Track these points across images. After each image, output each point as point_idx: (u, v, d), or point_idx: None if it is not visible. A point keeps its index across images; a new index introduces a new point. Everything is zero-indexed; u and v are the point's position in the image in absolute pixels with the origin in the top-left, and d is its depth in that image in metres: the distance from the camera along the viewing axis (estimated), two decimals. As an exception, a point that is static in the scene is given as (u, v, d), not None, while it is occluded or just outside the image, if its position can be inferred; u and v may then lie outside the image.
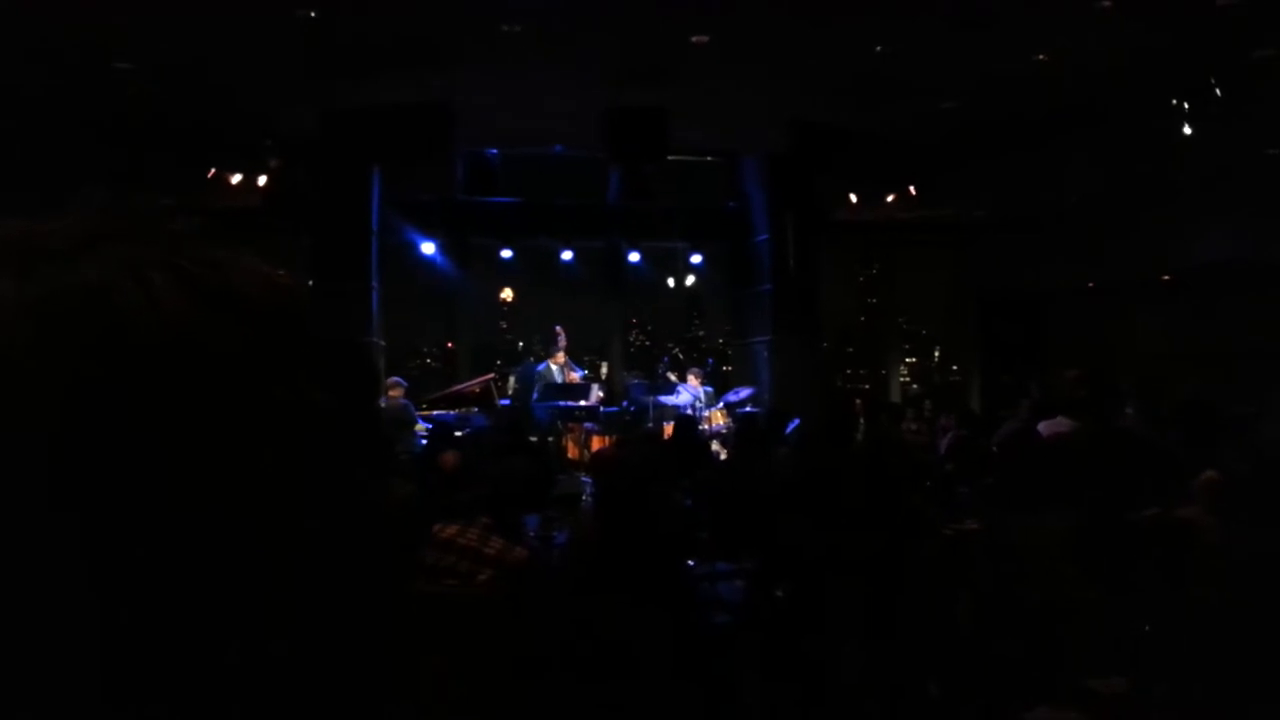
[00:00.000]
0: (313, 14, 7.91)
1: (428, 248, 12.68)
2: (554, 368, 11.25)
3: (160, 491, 0.40)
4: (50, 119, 9.36)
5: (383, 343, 11.69)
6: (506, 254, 13.40)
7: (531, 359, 11.78)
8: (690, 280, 14.74)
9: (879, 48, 8.92)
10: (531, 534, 4.72)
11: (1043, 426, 7.16)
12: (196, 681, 0.41)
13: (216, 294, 0.44)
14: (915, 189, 12.78)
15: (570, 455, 10.52)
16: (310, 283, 11.44)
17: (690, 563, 4.32)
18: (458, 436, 7.70)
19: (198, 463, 0.41)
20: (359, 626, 0.46)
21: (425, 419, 10.12)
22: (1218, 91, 9.25)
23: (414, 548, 3.59)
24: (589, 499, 6.61)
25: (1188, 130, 9.56)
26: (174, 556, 0.40)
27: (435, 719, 3.30)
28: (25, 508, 0.39)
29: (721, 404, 11.86)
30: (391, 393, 9.89)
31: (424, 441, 8.53)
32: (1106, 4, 7.87)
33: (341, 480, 0.47)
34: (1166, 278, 12.34)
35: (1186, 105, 9.57)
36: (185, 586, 0.40)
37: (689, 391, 11.78)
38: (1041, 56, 9.03)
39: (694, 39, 8.62)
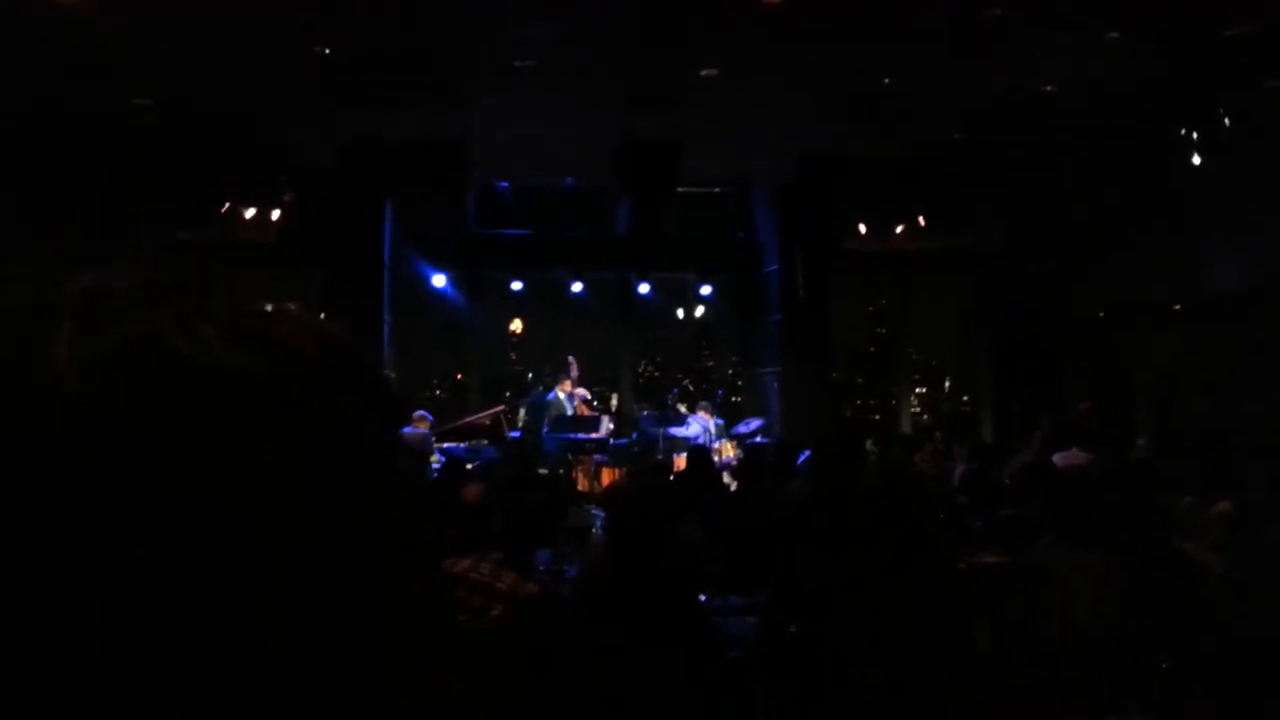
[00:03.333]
0: (327, 51, 8.01)
1: (439, 280, 12.74)
2: (562, 396, 11.25)
3: (220, 535, 0.42)
4: (70, 153, 9.45)
5: (393, 375, 11.72)
6: (517, 286, 13.46)
7: (540, 388, 11.76)
8: (700, 311, 14.76)
9: (886, 79, 8.98)
10: (543, 568, 4.70)
11: (1057, 458, 7.14)
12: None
13: (262, 343, 0.47)
14: (924, 219, 12.80)
15: (580, 487, 10.49)
16: (322, 315, 11.49)
17: (702, 597, 4.28)
18: (469, 469, 7.69)
19: (252, 505, 0.43)
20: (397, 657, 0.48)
21: (437, 450, 10.13)
22: (1226, 121, 9.26)
23: (439, 573, 3.57)
24: (599, 532, 6.59)
25: (1196, 160, 9.57)
26: (234, 604, 0.42)
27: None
28: (86, 550, 0.41)
29: (732, 435, 11.84)
30: (417, 424, 9.87)
31: (436, 474, 8.52)
32: (1114, 34, 7.91)
33: (391, 521, 0.50)
34: (1177, 307, 12.30)
35: (1195, 135, 9.59)
36: (242, 626, 0.43)
37: (699, 423, 11.75)
38: (1049, 87, 9.07)
39: (703, 72, 8.69)
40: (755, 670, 3.90)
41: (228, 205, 11.16)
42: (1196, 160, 9.60)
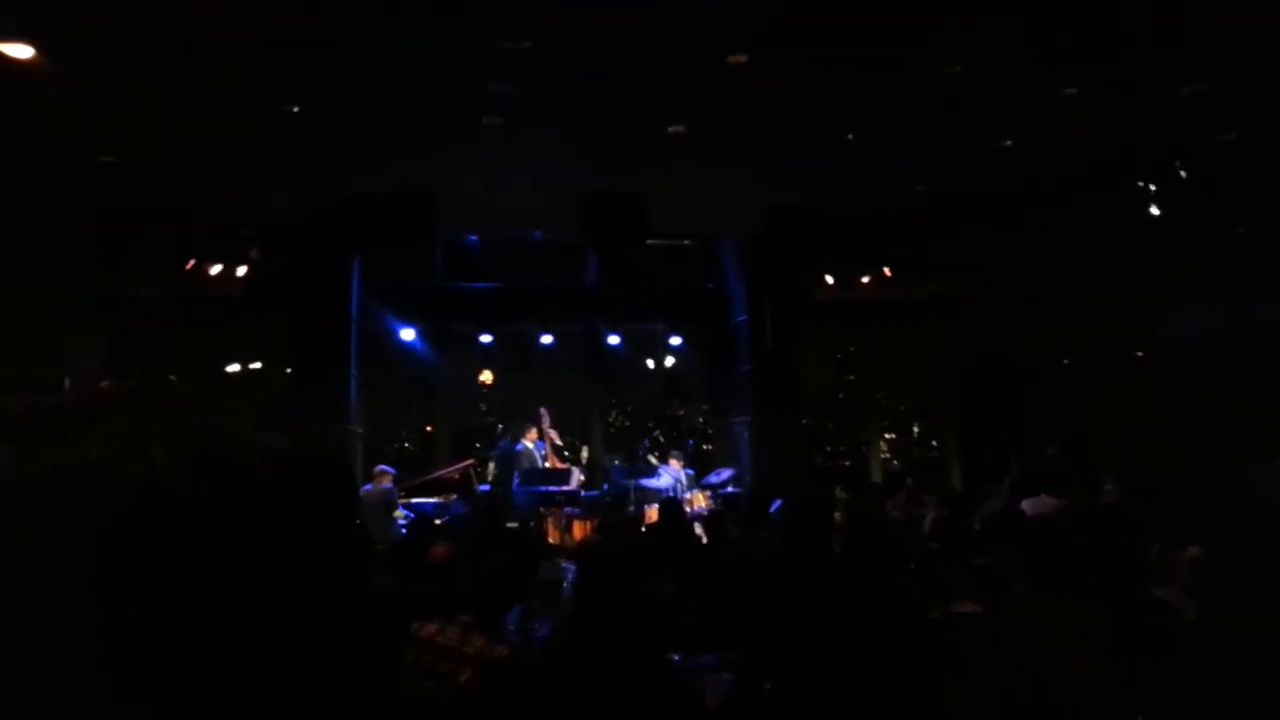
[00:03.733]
0: (295, 109, 8.02)
1: (407, 334, 12.70)
2: (531, 445, 11.18)
3: (162, 652, 0.43)
4: (33, 209, 9.38)
5: (360, 430, 11.62)
6: (486, 338, 13.44)
7: (508, 438, 11.68)
8: (670, 361, 14.80)
9: (850, 135, 9.12)
10: (512, 628, 4.63)
11: (1026, 505, 7.16)
12: None
13: (210, 465, 0.47)
14: (890, 269, 12.96)
15: (551, 540, 10.40)
16: (288, 370, 11.41)
17: (675, 657, 4.23)
18: (437, 525, 7.60)
19: (199, 622, 0.44)
20: None
21: (405, 506, 10.02)
22: (1182, 174, 9.49)
23: (393, 645, 3.52)
24: (570, 587, 6.51)
25: (1155, 210, 9.77)
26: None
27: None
28: (23, 672, 0.41)
29: (703, 486, 11.81)
30: (380, 481, 9.78)
31: (404, 531, 8.42)
32: (1072, 90, 8.10)
33: (330, 633, 0.50)
34: (1140, 354, 12.49)
35: (1153, 187, 9.80)
36: None
37: (670, 474, 11.72)
38: (1009, 142, 9.26)
39: (671, 129, 8.79)
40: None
41: (191, 263, 11.09)
42: (1155, 211, 9.80)
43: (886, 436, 16.88)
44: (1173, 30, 7.11)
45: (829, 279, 13.16)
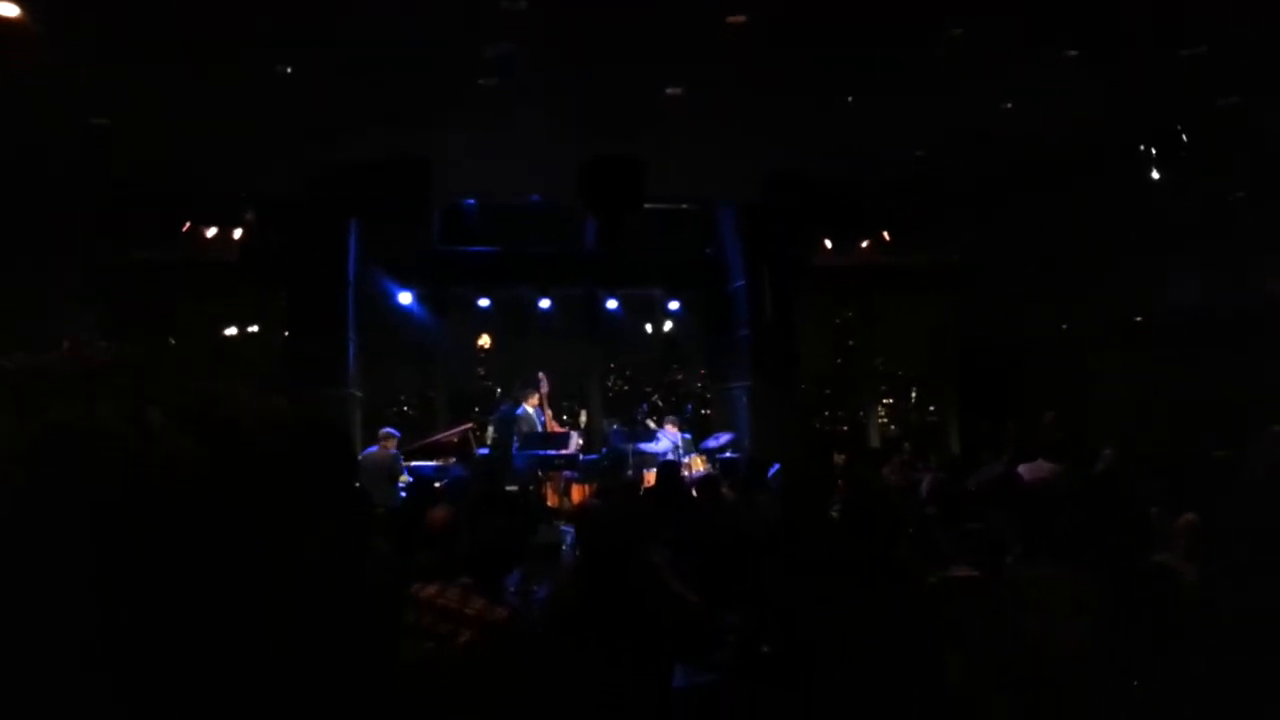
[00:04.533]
0: (289, 70, 7.94)
1: (405, 298, 12.66)
2: (531, 410, 11.19)
3: (161, 616, 0.43)
4: (28, 173, 9.31)
5: (359, 394, 11.62)
6: (484, 303, 13.41)
7: (509, 403, 11.69)
8: (668, 327, 14.78)
9: (850, 98, 9.05)
10: (512, 590, 4.65)
11: (1023, 470, 7.19)
12: None
13: (208, 429, 0.47)
14: (890, 235, 12.91)
15: (550, 504, 10.44)
16: (286, 335, 11.39)
17: (680, 605, 4.24)
18: (436, 489, 7.62)
19: (197, 586, 0.44)
20: (344, 699, 0.49)
21: (406, 469, 10.03)
22: (1184, 138, 9.42)
23: (392, 609, 3.53)
24: (569, 549, 6.55)
25: (1156, 175, 9.72)
26: (165, 685, 0.43)
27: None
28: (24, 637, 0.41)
29: (701, 450, 11.84)
30: (385, 444, 9.76)
31: (403, 495, 8.44)
32: (1073, 52, 8.02)
33: (328, 598, 0.50)
34: (1143, 320, 12.49)
35: (1154, 151, 9.74)
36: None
37: (668, 438, 11.75)
38: (1009, 105, 9.18)
39: (668, 91, 8.71)
40: (730, 691, 3.88)
41: (187, 226, 11.03)
42: (1156, 175, 9.74)
43: (885, 402, 16.91)
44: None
45: (828, 244, 13.12)
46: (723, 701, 3.83)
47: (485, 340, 14.92)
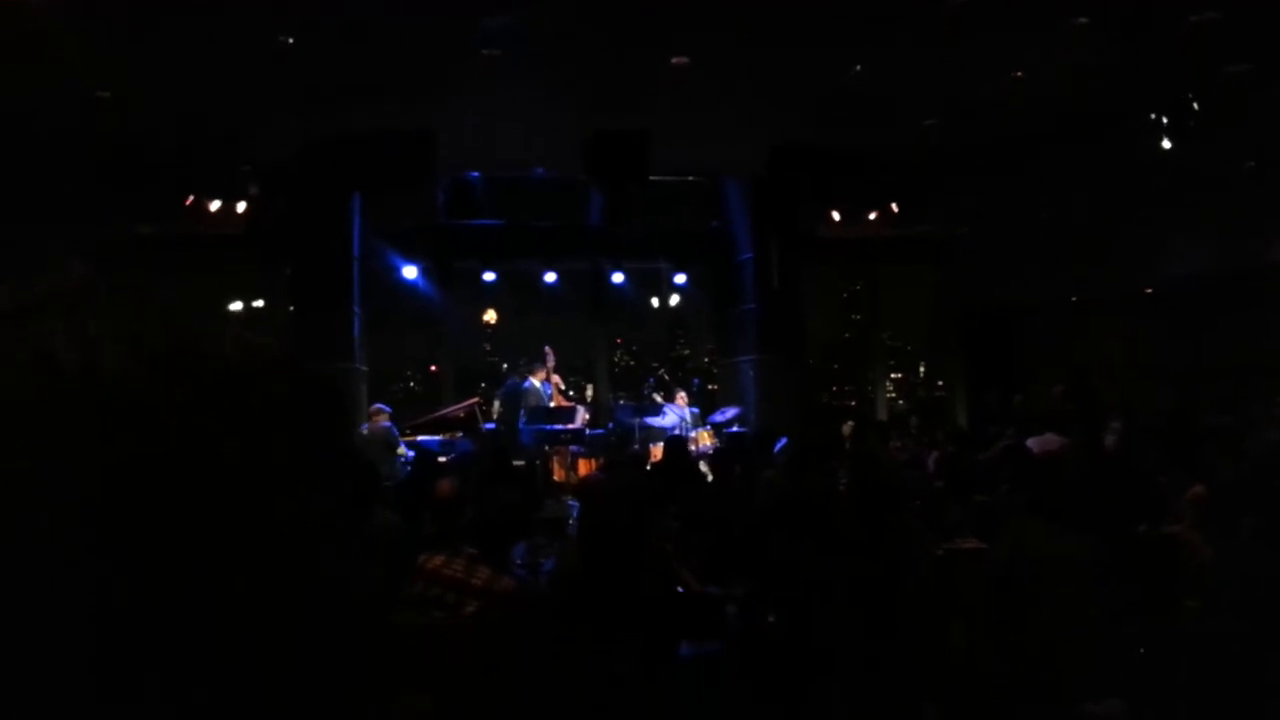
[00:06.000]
0: (291, 40, 7.88)
1: (410, 272, 12.64)
2: (538, 384, 11.20)
3: (112, 552, 0.41)
4: (29, 146, 9.28)
5: (365, 368, 11.63)
6: (489, 277, 13.39)
7: (515, 377, 11.70)
8: (674, 300, 14.75)
9: (857, 67, 8.96)
10: (519, 563, 4.66)
11: (1032, 442, 7.17)
12: None
13: (160, 355, 0.45)
14: (897, 206, 12.83)
15: (556, 478, 10.46)
16: (291, 309, 11.38)
17: (679, 589, 4.26)
18: (442, 462, 7.64)
19: (148, 519, 0.42)
20: (342, 662, 0.48)
21: (409, 444, 10.05)
22: (1195, 106, 9.33)
23: (397, 578, 3.53)
24: (575, 523, 6.56)
25: (1166, 144, 9.63)
26: (141, 623, 0.41)
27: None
28: None
29: (708, 424, 11.84)
30: (375, 419, 9.81)
31: (408, 469, 8.46)
32: (1081, 20, 7.93)
33: (309, 529, 0.48)
34: (1148, 290, 12.42)
35: (1164, 120, 9.65)
36: (160, 649, 0.41)
37: (675, 412, 11.74)
38: (1018, 73, 9.09)
39: (674, 60, 8.64)
40: (734, 660, 3.89)
41: (191, 199, 11.00)
42: (1166, 145, 9.65)
43: (892, 376, 16.89)
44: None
45: (835, 217, 13.04)
46: (727, 670, 3.84)
47: (491, 315, 14.91)
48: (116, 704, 0.40)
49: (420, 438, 10.38)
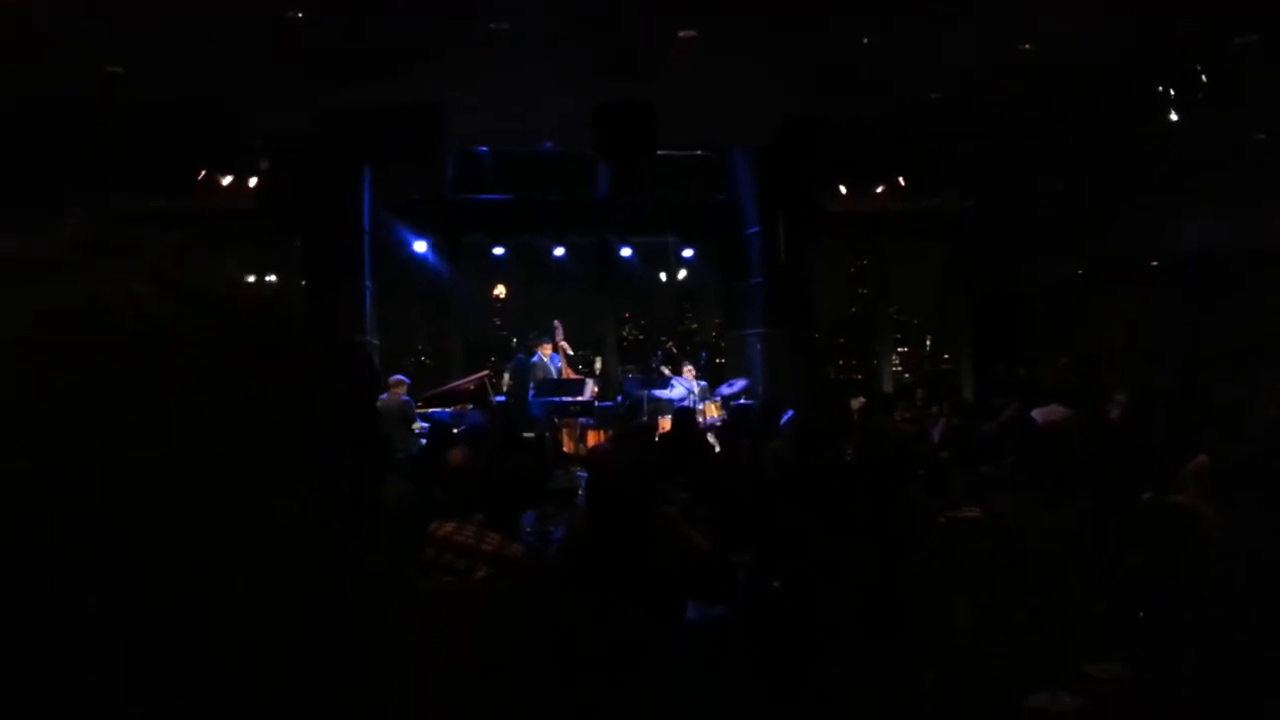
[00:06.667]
0: (300, 14, 7.89)
1: (420, 246, 12.68)
2: (546, 359, 11.27)
3: (162, 488, 0.42)
4: (41, 122, 9.31)
5: (376, 341, 11.70)
6: (498, 251, 13.42)
7: (523, 354, 11.77)
8: (682, 274, 14.77)
9: (865, 39, 8.93)
10: (529, 530, 4.73)
11: (1037, 413, 7.20)
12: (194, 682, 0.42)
13: (199, 299, 0.46)
14: (904, 179, 12.81)
15: (566, 449, 10.54)
16: (303, 282, 11.44)
17: (688, 551, 4.32)
18: (455, 433, 7.70)
19: (196, 458, 0.42)
20: (355, 621, 0.47)
21: (421, 416, 10.12)
22: (1204, 78, 9.28)
23: (410, 545, 3.60)
24: (584, 494, 6.63)
25: (1175, 117, 9.59)
26: (175, 554, 0.42)
27: (433, 716, 3.31)
28: (39, 509, 0.40)
29: (716, 397, 11.89)
30: (395, 390, 9.85)
31: (423, 441, 8.52)
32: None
33: (335, 472, 0.49)
34: (1155, 264, 12.40)
35: (1173, 92, 9.60)
36: (182, 582, 0.42)
37: (683, 385, 11.80)
38: (1027, 45, 9.05)
39: (681, 33, 8.62)
40: (739, 626, 3.96)
41: (203, 174, 11.04)
42: (1175, 117, 9.61)
43: (899, 350, 16.89)
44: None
45: (842, 190, 13.02)
46: (734, 635, 3.92)
47: (501, 290, 14.95)
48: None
49: (431, 410, 10.45)
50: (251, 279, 12.84)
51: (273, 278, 13.12)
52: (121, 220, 10.14)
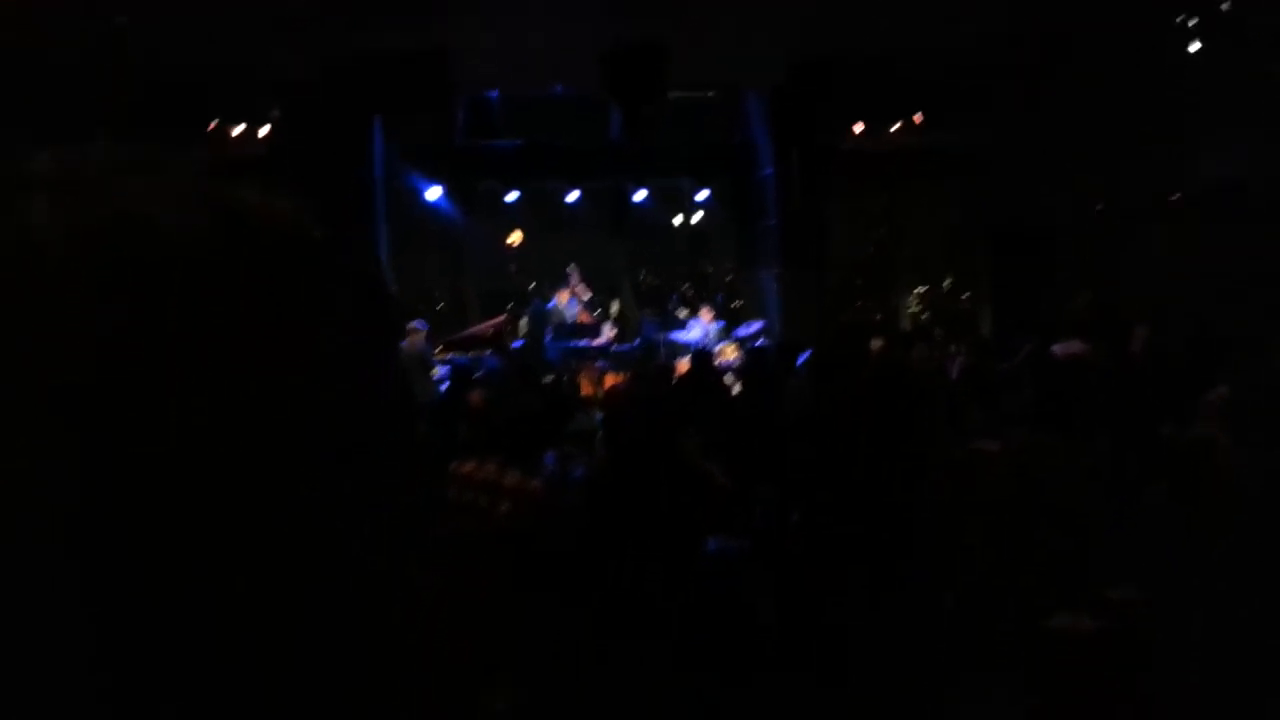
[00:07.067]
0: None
1: (433, 193, 12.63)
2: (563, 304, 11.30)
3: (205, 402, 0.42)
4: (50, 73, 9.29)
5: (395, 289, 11.72)
6: (511, 197, 13.36)
7: (540, 300, 11.80)
8: (697, 217, 14.68)
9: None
10: (550, 470, 4.78)
11: (1056, 348, 7.17)
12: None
13: (238, 215, 0.47)
14: (921, 117, 12.63)
15: (584, 393, 10.58)
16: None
17: (707, 485, 4.36)
18: (476, 378, 7.73)
19: (238, 369, 0.43)
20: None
21: (440, 362, 10.17)
22: (1224, 5, 9.07)
23: (436, 476, 3.64)
24: (602, 435, 6.67)
25: (1195, 47, 9.39)
26: (216, 458, 0.42)
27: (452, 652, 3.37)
28: (79, 420, 0.41)
29: (733, 339, 11.89)
30: (413, 337, 9.88)
31: (444, 386, 8.57)
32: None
33: (373, 383, 0.50)
34: (1175, 197, 12.23)
35: (1193, 22, 9.39)
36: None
37: (700, 327, 11.80)
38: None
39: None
40: (757, 559, 4.00)
41: (214, 123, 11.00)
42: (1194, 48, 9.41)
43: (917, 290, 16.78)
44: None
45: (858, 129, 12.86)
46: (752, 566, 3.96)
47: (516, 236, 14.91)
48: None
49: (450, 356, 10.49)
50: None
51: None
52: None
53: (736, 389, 8.86)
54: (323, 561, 0.45)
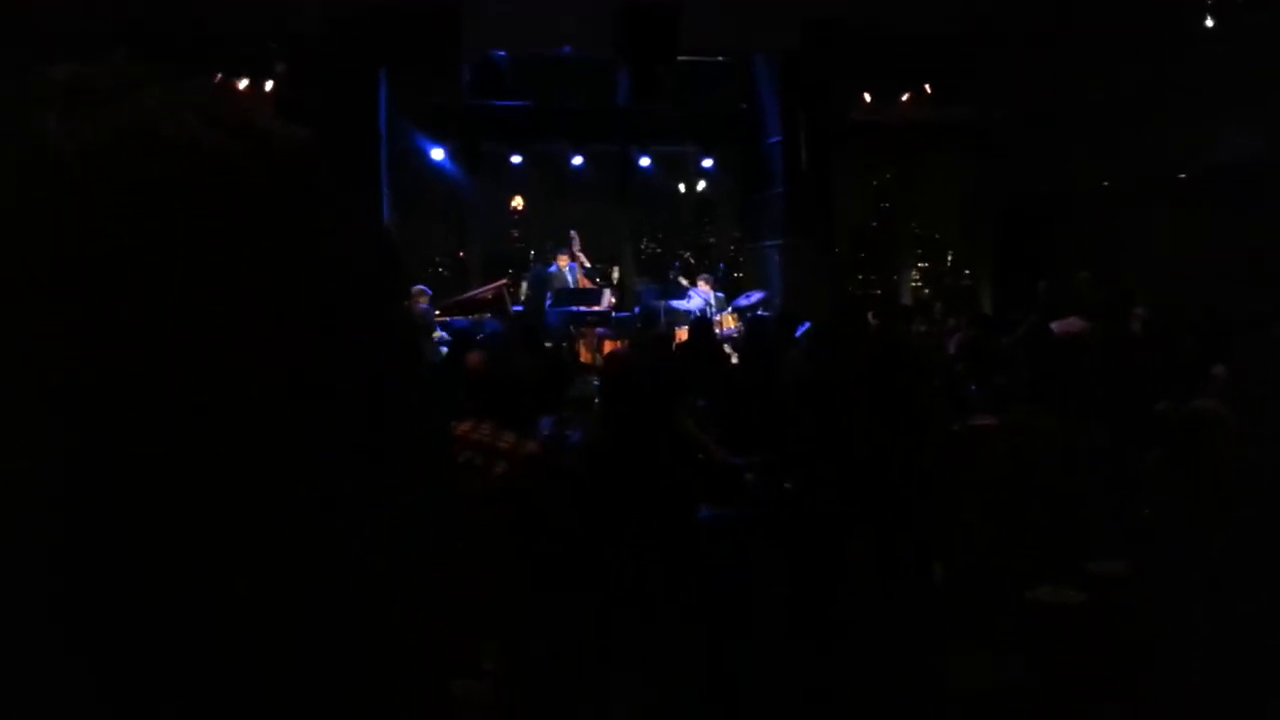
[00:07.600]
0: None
1: (437, 154, 12.55)
2: (564, 269, 11.29)
3: (214, 320, 0.42)
4: (53, 27, 9.21)
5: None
6: (516, 159, 13.29)
7: (540, 265, 11.79)
8: (701, 185, 14.62)
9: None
10: (546, 434, 4.79)
11: (1056, 326, 7.18)
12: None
13: (245, 131, 0.47)
14: (931, 89, 12.53)
15: (583, 359, 10.60)
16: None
17: (701, 457, 4.39)
18: (477, 340, 7.72)
19: (248, 289, 0.43)
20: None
21: (440, 325, 10.16)
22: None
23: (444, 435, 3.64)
24: (600, 400, 6.68)
25: (1210, 23, 9.31)
26: (222, 393, 0.42)
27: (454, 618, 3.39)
28: (79, 325, 0.41)
29: (733, 308, 11.89)
30: (416, 299, 9.86)
31: (444, 350, 8.58)
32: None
33: (382, 312, 0.50)
34: (1183, 176, 12.16)
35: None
36: (223, 432, 0.42)
37: (700, 296, 11.79)
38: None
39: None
40: (753, 523, 4.04)
41: (219, 77, 10.91)
42: (1209, 23, 9.33)
43: (920, 266, 16.76)
44: None
45: (866, 98, 12.76)
46: (746, 533, 4.00)
47: (519, 201, 14.86)
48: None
49: (450, 319, 10.49)
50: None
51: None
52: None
53: (735, 359, 8.88)
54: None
